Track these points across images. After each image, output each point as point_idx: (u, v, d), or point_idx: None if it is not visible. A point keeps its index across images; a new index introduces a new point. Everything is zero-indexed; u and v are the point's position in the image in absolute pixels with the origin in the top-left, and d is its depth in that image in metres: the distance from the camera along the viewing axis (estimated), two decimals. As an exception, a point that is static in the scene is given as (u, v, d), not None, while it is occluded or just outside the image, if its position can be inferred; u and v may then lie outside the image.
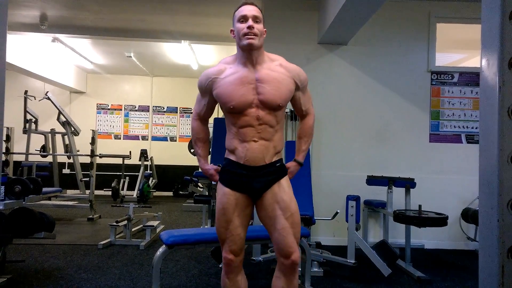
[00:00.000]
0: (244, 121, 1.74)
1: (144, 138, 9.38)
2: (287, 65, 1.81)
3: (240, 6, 1.76)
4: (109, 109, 9.35)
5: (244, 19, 1.72)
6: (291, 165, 1.93)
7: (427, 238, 4.38)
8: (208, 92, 1.82)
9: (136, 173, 8.06)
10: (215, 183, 3.54)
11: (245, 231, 1.81)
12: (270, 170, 1.77)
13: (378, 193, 4.20)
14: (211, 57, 7.53)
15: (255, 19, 1.72)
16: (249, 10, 1.73)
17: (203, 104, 1.89)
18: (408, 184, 3.68)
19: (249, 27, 1.69)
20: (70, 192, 7.56)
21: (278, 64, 1.79)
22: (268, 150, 1.76)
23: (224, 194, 1.79)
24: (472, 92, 4.54)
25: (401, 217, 3.36)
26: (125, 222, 4.25)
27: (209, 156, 5.10)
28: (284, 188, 1.78)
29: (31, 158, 7.14)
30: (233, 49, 7.01)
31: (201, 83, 1.84)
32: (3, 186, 4.26)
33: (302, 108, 1.92)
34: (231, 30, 1.79)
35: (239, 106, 1.72)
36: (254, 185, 1.77)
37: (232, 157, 1.80)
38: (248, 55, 1.74)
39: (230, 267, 1.78)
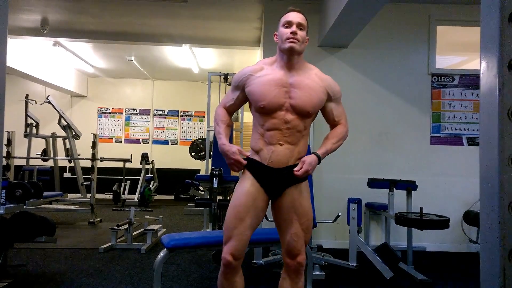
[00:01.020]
0: (272, 123, 1.77)
1: (145, 141, 9.39)
2: (321, 76, 1.88)
3: (286, 12, 1.84)
4: (110, 112, 9.37)
5: (288, 24, 1.79)
6: (307, 156, 1.81)
7: (429, 240, 4.36)
8: (241, 87, 1.86)
9: (137, 177, 8.06)
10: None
11: (252, 233, 1.80)
12: (291, 172, 1.78)
13: (380, 195, 4.20)
14: (212, 61, 7.55)
15: (300, 25, 1.79)
16: (294, 16, 1.79)
17: (232, 97, 1.92)
18: (409, 186, 3.68)
19: (293, 32, 1.76)
20: (71, 196, 7.55)
21: (314, 73, 1.86)
22: (292, 154, 1.80)
23: (242, 192, 1.80)
24: (472, 95, 4.54)
25: (402, 219, 3.35)
26: (126, 226, 4.25)
27: (210, 160, 5.12)
28: (303, 194, 1.83)
29: (32, 162, 7.14)
30: (234, 52, 6.97)
31: (237, 77, 1.89)
32: (4, 190, 4.26)
33: (335, 119, 1.92)
34: (275, 34, 1.86)
35: (270, 107, 1.76)
36: (275, 181, 1.79)
37: (256, 158, 1.83)
38: (288, 59, 1.80)
39: (228, 268, 1.76)
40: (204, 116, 9.28)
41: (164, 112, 9.45)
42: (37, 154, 6.84)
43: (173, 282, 3.08)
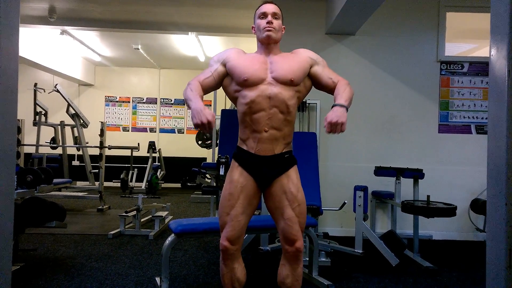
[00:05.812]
0: (256, 104, 1.78)
1: (152, 130, 9.44)
2: (296, 51, 1.96)
3: (261, 5, 1.92)
4: (117, 101, 9.41)
5: (264, 15, 1.87)
6: (329, 113, 1.72)
7: (435, 229, 4.37)
8: (221, 62, 1.89)
9: (145, 165, 8.13)
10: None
11: (247, 220, 1.84)
12: (278, 160, 1.84)
13: (386, 184, 4.19)
14: (218, 49, 7.52)
15: (274, 15, 1.87)
16: (268, 7, 1.88)
17: (210, 71, 1.88)
18: (416, 175, 3.67)
19: (269, 22, 1.85)
20: (79, 183, 7.65)
21: (290, 53, 1.95)
22: (278, 141, 1.83)
23: (231, 181, 1.84)
24: (482, 82, 4.49)
25: (409, 207, 3.35)
26: (134, 212, 4.31)
27: (217, 148, 5.14)
28: (292, 179, 1.85)
29: (41, 150, 7.23)
30: (240, 40, 6.93)
31: (216, 55, 1.93)
32: (16, 176, 4.33)
33: (330, 77, 1.92)
34: (252, 27, 1.96)
35: (253, 79, 1.80)
36: (263, 169, 1.83)
37: (244, 147, 1.87)
38: (266, 47, 1.89)
39: (226, 254, 1.81)
40: (210, 105, 9.17)
41: (171, 101, 9.48)
42: (46, 142, 6.92)
43: (181, 268, 3.13)
